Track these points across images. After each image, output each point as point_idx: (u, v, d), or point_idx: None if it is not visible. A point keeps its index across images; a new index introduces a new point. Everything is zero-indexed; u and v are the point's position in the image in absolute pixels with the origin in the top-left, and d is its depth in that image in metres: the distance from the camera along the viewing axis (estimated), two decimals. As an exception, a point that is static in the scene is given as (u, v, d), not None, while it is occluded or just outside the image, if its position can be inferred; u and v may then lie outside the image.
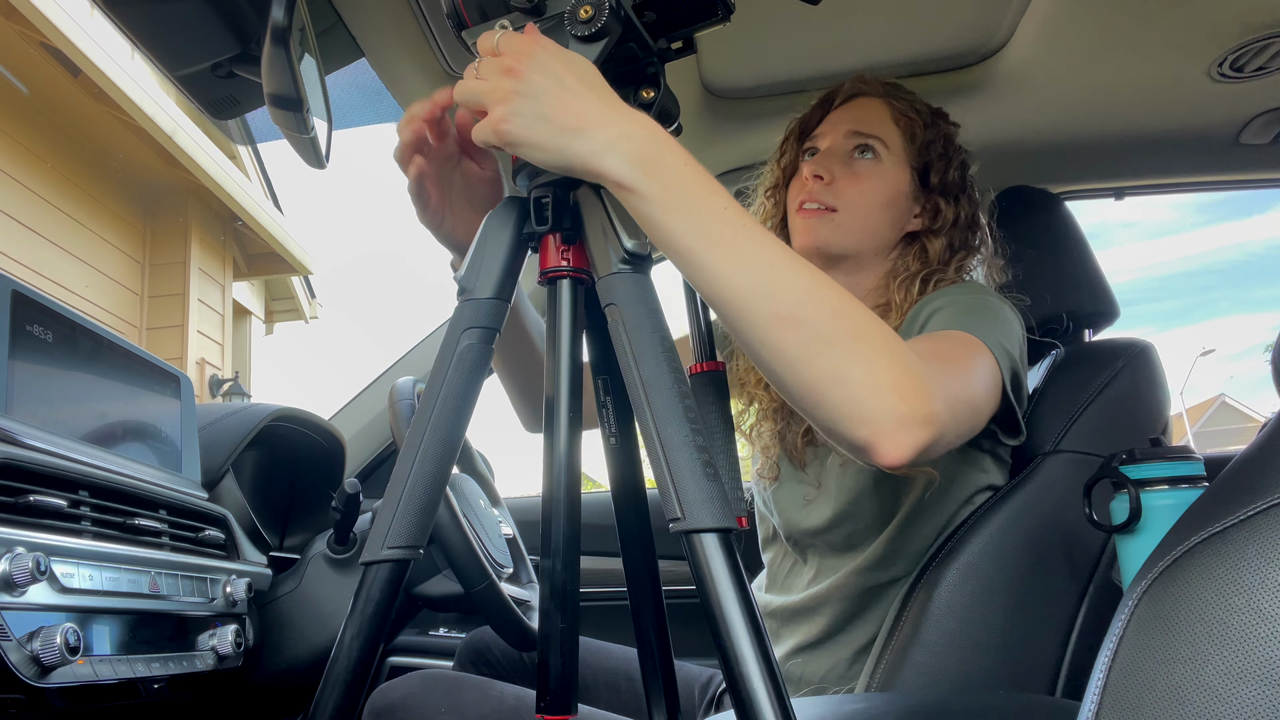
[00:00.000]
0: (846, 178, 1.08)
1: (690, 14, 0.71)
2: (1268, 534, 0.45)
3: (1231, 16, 1.16)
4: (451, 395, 0.62)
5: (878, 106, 1.11)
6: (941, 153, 1.10)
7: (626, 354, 0.59)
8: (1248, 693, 0.42)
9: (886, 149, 1.09)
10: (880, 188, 1.08)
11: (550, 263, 0.67)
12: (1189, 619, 0.46)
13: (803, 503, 1.09)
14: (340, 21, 1.12)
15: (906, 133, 1.09)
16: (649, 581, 0.73)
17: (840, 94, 1.14)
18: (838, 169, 1.08)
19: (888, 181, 1.08)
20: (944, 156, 1.10)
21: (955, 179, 1.10)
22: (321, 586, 1.22)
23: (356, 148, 3.56)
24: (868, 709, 0.83)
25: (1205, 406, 27.83)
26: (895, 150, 1.09)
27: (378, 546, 0.58)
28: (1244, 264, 63.49)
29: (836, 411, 0.67)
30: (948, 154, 1.11)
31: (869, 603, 1.05)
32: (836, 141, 1.11)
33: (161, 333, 5.85)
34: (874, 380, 0.66)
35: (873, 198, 1.07)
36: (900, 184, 1.09)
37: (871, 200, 1.07)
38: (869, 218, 1.07)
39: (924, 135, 1.10)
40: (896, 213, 1.09)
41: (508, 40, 0.65)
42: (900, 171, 1.09)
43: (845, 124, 1.11)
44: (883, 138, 1.09)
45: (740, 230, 0.65)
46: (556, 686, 0.59)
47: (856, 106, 1.12)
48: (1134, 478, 0.86)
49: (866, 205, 1.07)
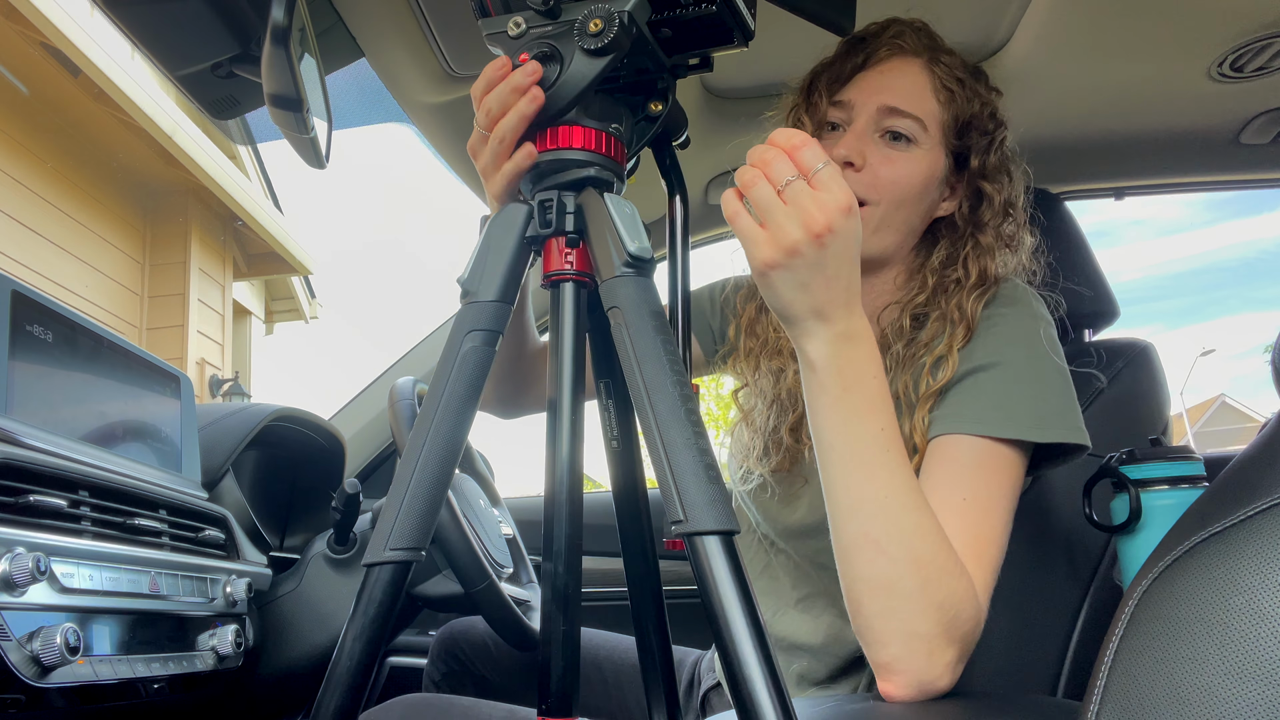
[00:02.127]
0: (883, 164, 0.92)
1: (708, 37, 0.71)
2: (1268, 534, 0.45)
3: (1231, 16, 1.16)
4: (454, 398, 0.62)
5: (918, 74, 0.94)
6: (984, 129, 0.95)
7: (629, 357, 0.60)
8: (1248, 692, 0.42)
9: (925, 131, 0.93)
10: (917, 175, 0.93)
11: (553, 266, 0.67)
12: (1189, 619, 0.46)
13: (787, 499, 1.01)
14: (340, 21, 1.12)
15: (948, 108, 0.94)
16: (650, 582, 0.73)
17: (873, 46, 0.96)
18: (872, 154, 0.93)
19: (922, 169, 0.93)
20: (986, 134, 0.95)
21: (999, 162, 0.96)
22: (321, 587, 1.22)
23: (356, 147, 3.56)
24: (868, 709, 0.83)
25: (1205, 406, 27.84)
26: (933, 129, 0.94)
27: (380, 548, 0.58)
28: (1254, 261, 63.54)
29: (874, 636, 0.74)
30: (990, 131, 0.96)
31: None
32: (869, 116, 0.93)
33: (161, 333, 5.85)
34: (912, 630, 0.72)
35: (910, 188, 0.93)
36: (936, 168, 0.94)
37: (908, 191, 0.93)
38: (905, 210, 0.93)
39: (966, 110, 0.95)
40: (929, 200, 0.96)
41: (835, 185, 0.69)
42: (936, 154, 0.94)
43: (879, 95, 0.94)
44: (921, 117, 0.93)
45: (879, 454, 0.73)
46: (558, 689, 0.59)
47: (894, 72, 0.94)
48: (1134, 478, 0.86)
49: (902, 197, 0.92)
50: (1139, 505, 0.84)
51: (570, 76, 0.65)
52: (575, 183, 0.67)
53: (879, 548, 0.72)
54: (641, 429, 0.59)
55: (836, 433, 0.74)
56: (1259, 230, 63.42)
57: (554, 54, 0.66)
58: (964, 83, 0.96)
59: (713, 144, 1.53)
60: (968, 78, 0.97)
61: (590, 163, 0.67)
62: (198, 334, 6.02)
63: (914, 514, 0.73)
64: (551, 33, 0.66)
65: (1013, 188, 0.98)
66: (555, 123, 0.67)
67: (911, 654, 0.72)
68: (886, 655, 0.73)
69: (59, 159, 5.12)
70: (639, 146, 0.73)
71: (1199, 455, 0.88)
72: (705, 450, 0.56)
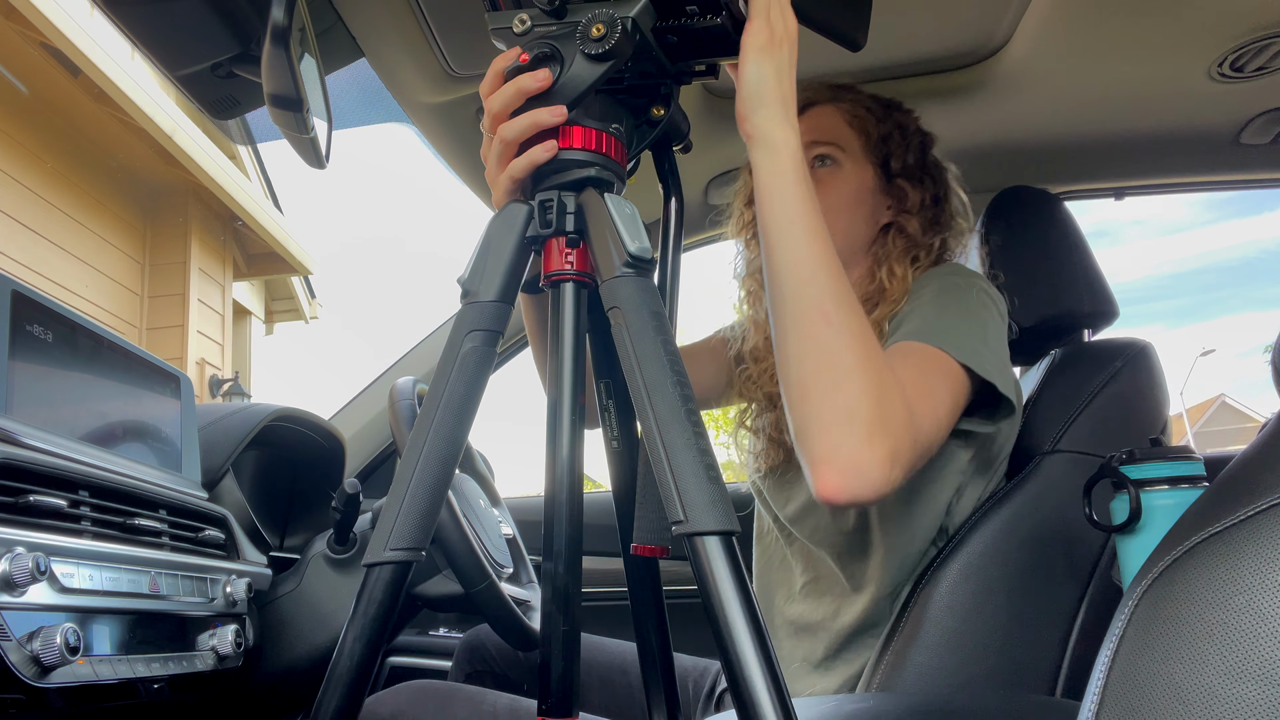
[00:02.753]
0: None
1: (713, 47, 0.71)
2: (1268, 534, 0.45)
3: (1231, 17, 1.16)
4: (454, 398, 0.62)
5: (830, 113, 1.15)
6: (899, 141, 1.14)
7: (629, 357, 0.60)
8: (1248, 693, 0.42)
9: (844, 152, 1.13)
10: (844, 191, 1.12)
11: (554, 266, 0.67)
12: (1189, 619, 0.46)
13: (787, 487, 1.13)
14: (340, 21, 1.12)
15: (861, 132, 1.13)
16: (650, 582, 0.73)
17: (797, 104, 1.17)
18: None
19: (851, 183, 1.12)
20: (901, 143, 1.14)
21: (914, 162, 1.14)
22: (321, 587, 1.22)
23: (356, 147, 3.56)
24: (868, 709, 0.83)
25: (1205, 406, 27.84)
26: (853, 151, 1.13)
27: (380, 548, 0.58)
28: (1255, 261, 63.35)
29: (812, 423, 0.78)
30: (905, 140, 1.14)
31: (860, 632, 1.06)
32: None
33: (161, 333, 5.85)
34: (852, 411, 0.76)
35: (839, 201, 1.11)
36: (864, 181, 1.13)
37: (838, 204, 1.10)
38: (838, 221, 1.09)
39: (878, 130, 1.13)
40: (866, 210, 1.13)
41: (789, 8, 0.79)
42: (862, 170, 1.13)
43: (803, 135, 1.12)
44: (838, 142, 1.13)
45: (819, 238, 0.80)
46: (558, 689, 0.59)
47: (811, 117, 1.15)
48: (1134, 478, 0.86)
49: (834, 210, 1.09)
50: (1139, 505, 0.84)
51: (570, 79, 0.65)
52: (576, 183, 0.67)
53: (827, 318, 0.78)
54: (642, 429, 0.59)
55: (797, 208, 0.80)
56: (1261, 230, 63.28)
57: (554, 54, 0.66)
58: (870, 109, 1.15)
59: (713, 144, 1.53)
60: (874, 105, 1.16)
61: (591, 163, 0.67)
62: (198, 334, 6.02)
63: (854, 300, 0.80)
64: (555, 33, 0.66)
65: (936, 187, 1.15)
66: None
67: (850, 436, 0.76)
68: (826, 443, 0.77)
69: (59, 159, 5.12)
70: (639, 149, 0.73)
71: (1199, 455, 0.88)
72: (705, 450, 0.56)
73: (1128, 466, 0.87)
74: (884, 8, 1.23)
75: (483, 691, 1.10)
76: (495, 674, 1.40)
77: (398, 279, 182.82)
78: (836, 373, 0.77)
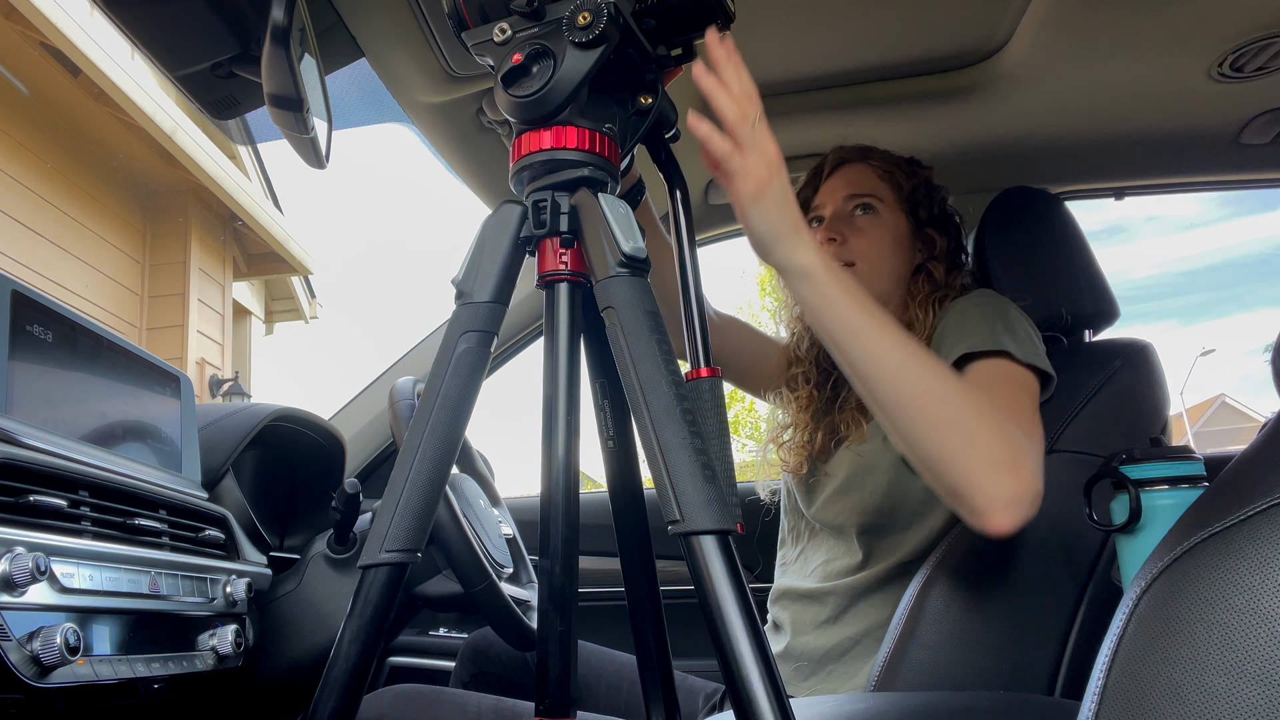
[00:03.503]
0: (855, 235, 1.22)
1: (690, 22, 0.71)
2: (1268, 534, 0.45)
3: (1231, 16, 1.16)
4: (449, 398, 0.62)
5: (863, 169, 1.26)
6: (925, 194, 1.26)
7: (624, 357, 0.60)
8: (1248, 693, 0.42)
9: (882, 202, 1.24)
10: (885, 235, 1.23)
11: (548, 266, 0.67)
12: (1189, 619, 0.46)
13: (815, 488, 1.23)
14: (340, 21, 1.12)
15: (893, 185, 1.25)
16: (647, 583, 0.73)
17: (827, 165, 1.30)
18: (846, 229, 1.23)
19: (890, 229, 1.23)
20: (928, 196, 1.26)
21: (939, 213, 1.27)
22: (321, 586, 1.22)
23: (356, 147, 3.56)
24: (867, 709, 0.83)
25: (1205, 406, 27.82)
26: (889, 201, 1.24)
27: (375, 549, 0.58)
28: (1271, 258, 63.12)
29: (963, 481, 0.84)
30: (930, 194, 1.27)
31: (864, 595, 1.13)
32: (838, 206, 1.25)
33: (161, 333, 5.85)
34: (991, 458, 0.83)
35: (882, 245, 1.22)
36: (901, 227, 1.24)
37: (882, 248, 1.22)
38: (884, 262, 1.22)
39: (908, 184, 1.26)
40: (904, 252, 1.24)
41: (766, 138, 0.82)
42: (897, 218, 1.24)
43: (841, 190, 1.25)
44: (875, 193, 1.24)
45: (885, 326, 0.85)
46: (555, 689, 0.59)
47: (845, 173, 1.26)
48: (1134, 478, 0.86)
49: (879, 253, 1.21)
50: (1139, 505, 0.84)
51: (564, 73, 0.65)
52: (569, 183, 0.67)
53: (937, 396, 0.84)
54: (637, 429, 0.59)
55: (854, 318, 0.85)
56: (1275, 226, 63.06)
57: (545, 52, 0.66)
58: (899, 165, 1.27)
59: (712, 144, 1.53)
60: (900, 162, 1.28)
61: (584, 163, 0.67)
62: (198, 334, 6.02)
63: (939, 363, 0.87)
64: (539, 33, 0.66)
65: (957, 234, 1.28)
66: (550, 122, 0.67)
67: (1002, 481, 0.83)
68: (983, 496, 0.84)
69: (59, 159, 5.12)
70: (633, 143, 0.73)
71: (1199, 455, 0.88)
72: (701, 450, 0.56)
73: (1128, 466, 0.87)
74: (884, 8, 1.23)
75: (467, 694, 1.13)
76: (499, 676, 1.41)
77: (398, 279, 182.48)
78: (962, 435, 0.84)
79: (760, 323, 13.38)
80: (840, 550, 1.18)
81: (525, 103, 0.66)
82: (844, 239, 1.22)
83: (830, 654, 1.14)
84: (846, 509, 1.16)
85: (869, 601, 1.13)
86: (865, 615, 1.13)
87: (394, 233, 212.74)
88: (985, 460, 0.83)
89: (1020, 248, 1.30)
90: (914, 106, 1.43)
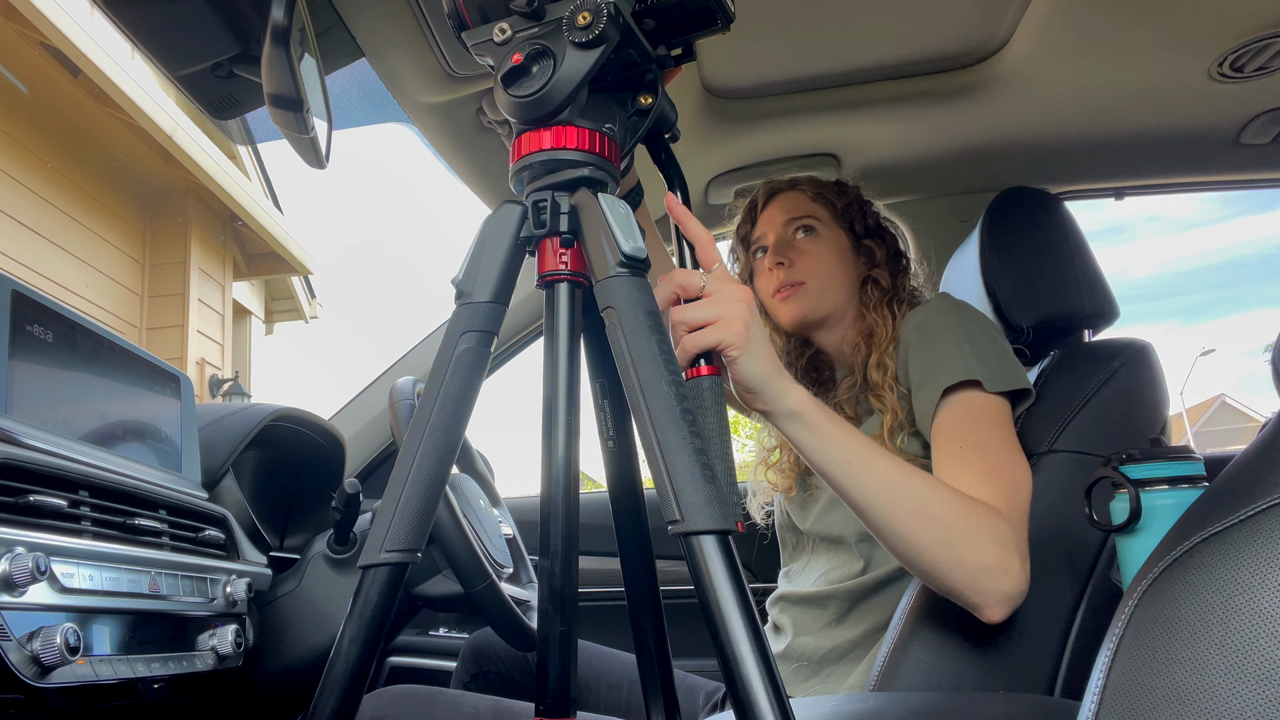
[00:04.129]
0: (800, 256, 1.27)
1: (690, 23, 0.71)
2: (1268, 534, 0.45)
3: (1231, 16, 1.16)
4: (449, 398, 0.62)
5: (795, 196, 1.31)
6: (858, 209, 1.32)
7: (624, 356, 0.60)
8: (1248, 693, 0.42)
9: (819, 221, 1.29)
10: (829, 252, 1.28)
11: (548, 266, 0.67)
12: (1189, 619, 0.46)
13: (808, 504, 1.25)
14: (340, 21, 1.12)
15: (827, 204, 1.30)
16: (647, 583, 0.73)
17: (760, 198, 1.35)
18: (791, 252, 1.28)
19: (832, 245, 1.28)
20: (860, 211, 1.32)
21: (873, 224, 1.32)
22: (321, 586, 1.22)
23: (356, 147, 3.56)
24: (867, 709, 0.83)
25: (1205, 406, 27.82)
26: (826, 220, 1.30)
27: (375, 549, 0.58)
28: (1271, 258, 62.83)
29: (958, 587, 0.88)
30: (861, 208, 1.32)
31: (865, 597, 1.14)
32: (779, 232, 1.30)
33: (161, 333, 5.85)
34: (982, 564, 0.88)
35: (827, 262, 1.27)
36: (842, 243, 1.30)
37: (828, 265, 1.27)
38: (832, 277, 1.27)
39: (840, 201, 1.31)
40: (849, 265, 1.29)
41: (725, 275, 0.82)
42: (837, 234, 1.30)
43: (779, 216, 1.30)
44: (812, 215, 1.29)
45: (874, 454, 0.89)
46: (555, 689, 0.59)
47: (780, 201, 1.32)
48: (1134, 478, 0.86)
49: (826, 270, 1.27)
50: (1139, 505, 0.84)
51: (564, 73, 0.65)
52: (569, 183, 0.67)
53: (925, 514, 0.87)
54: (637, 429, 0.59)
55: (849, 452, 0.87)
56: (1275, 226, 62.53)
57: (545, 52, 0.66)
58: (825, 186, 1.33)
59: (713, 144, 1.53)
60: (827, 185, 1.34)
61: (585, 163, 0.67)
62: (198, 334, 6.02)
63: (926, 478, 0.90)
64: (539, 33, 0.66)
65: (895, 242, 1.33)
66: (550, 122, 0.67)
67: (993, 582, 0.88)
68: (977, 595, 0.89)
69: (59, 159, 5.12)
70: (633, 143, 0.73)
71: (1199, 455, 0.88)
72: (701, 450, 0.56)
73: (1128, 466, 0.87)
74: (884, 8, 1.23)
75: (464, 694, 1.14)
76: (500, 676, 1.41)
77: (398, 279, 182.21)
78: (952, 550, 0.87)
79: (760, 323, 13.39)
80: (841, 559, 1.19)
81: (525, 103, 0.66)
82: (791, 261, 1.26)
83: (831, 655, 1.14)
84: (841, 519, 1.17)
85: (871, 603, 1.14)
86: (868, 616, 1.14)
87: (394, 233, 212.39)
88: (977, 568, 0.88)
89: (1020, 248, 1.30)
90: (914, 106, 1.43)
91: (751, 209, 1.36)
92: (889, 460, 0.89)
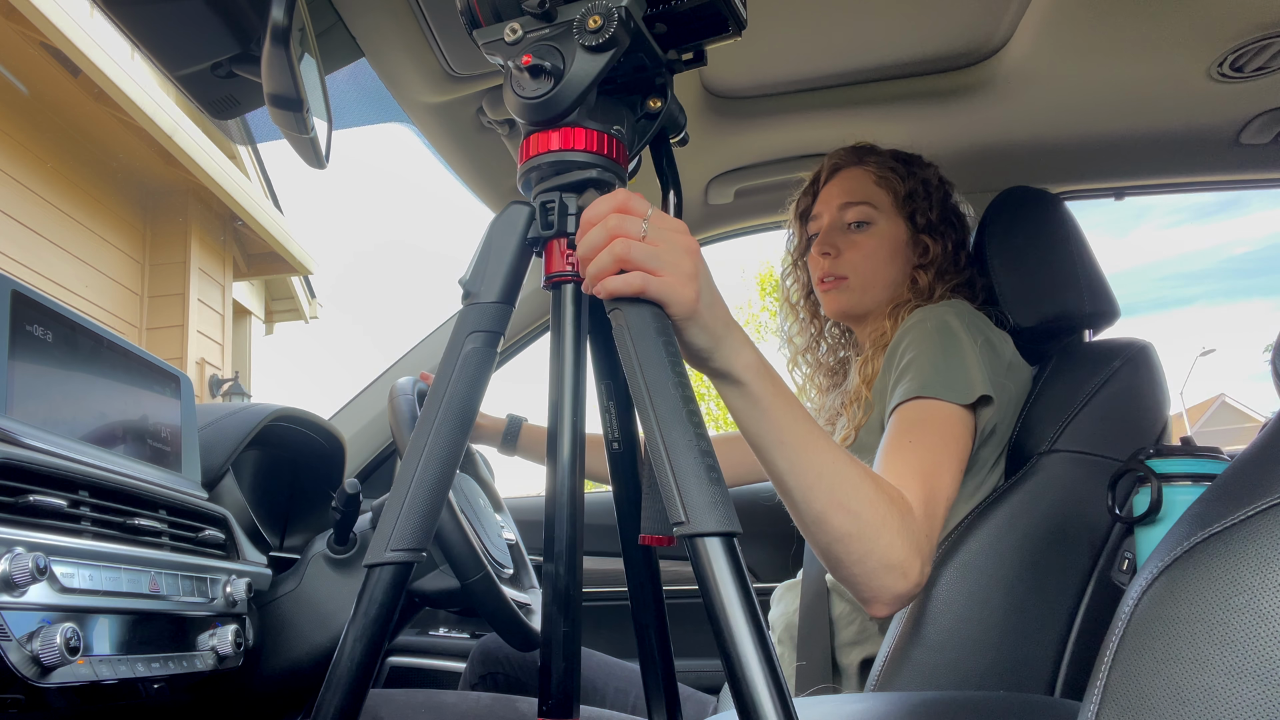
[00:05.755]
0: (849, 248, 1.22)
1: (702, 29, 0.71)
2: (1268, 534, 0.45)
3: (1231, 16, 1.16)
4: (455, 399, 0.62)
5: (858, 174, 1.24)
6: (924, 195, 1.24)
7: (631, 358, 0.60)
8: (1248, 693, 0.42)
9: (877, 210, 1.22)
10: (880, 247, 1.21)
11: (555, 267, 0.67)
12: (1189, 619, 0.46)
13: None
14: (340, 21, 1.12)
15: (889, 190, 1.23)
16: (650, 584, 0.73)
17: (824, 171, 1.29)
18: (840, 241, 1.22)
19: (885, 239, 1.22)
20: (926, 198, 1.23)
21: (938, 217, 1.24)
22: (321, 586, 1.22)
23: (356, 147, 3.56)
24: (868, 709, 0.83)
25: (1205, 406, 27.82)
26: (885, 208, 1.22)
27: (381, 549, 0.58)
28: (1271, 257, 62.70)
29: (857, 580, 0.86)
30: (929, 195, 1.24)
31: None
32: (833, 216, 1.24)
33: (161, 333, 5.85)
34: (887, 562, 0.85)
35: (876, 258, 1.21)
36: (898, 235, 1.22)
37: (875, 261, 1.21)
38: (877, 274, 1.21)
39: (905, 186, 1.23)
40: (900, 261, 1.22)
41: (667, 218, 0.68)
42: (895, 225, 1.22)
43: (836, 198, 1.24)
44: (871, 201, 1.22)
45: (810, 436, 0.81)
46: (559, 689, 0.59)
47: (841, 180, 1.25)
48: (1159, 471, 0.87)
49: (872, 266, 1.21)
50: (1159, 497, 0.85)
51: (573, 76, 0.65)
52: (577, 184, 0.67)
53: (845, 507, 0.83)
54: (643, 430, 0.59)
55: (787, 426, 0.80)
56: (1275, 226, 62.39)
57: (556, 54, 0.66)
58: (894, 168, 1.24)
59: (713, 144, 1.53)
60: (897, 163, 1.24)
61: (592, 164, 0.68)
62: (198, 334, 6.02)
63: (855, 470, 0.85)
64: (549, 35, 0.66)
65: (958, 234, 1.25)
66: (558, 124, 0.67)
67: (892, 581, 0.86)
68: (871, 590, 0.87)
69: (59, 159, 5.12)
70: (640, 145, 0.73)
71: (1226, 456, 0.88)
72: (707, 451, 0.56)
73: (1153, 460, 0.87)
74: (884, 8, 1.23)
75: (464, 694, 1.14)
76: (508, 677, 1.41)
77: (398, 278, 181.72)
78: (861, 544, 0.84)
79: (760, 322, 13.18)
80: None
81: (534, 104, 0.66)
82: (838, 252, 1.22)
83: None
84: None
85: None
86: None
87: (394, 232, 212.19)
88: (879, 564, 0.85)
89: (1020, 248, 1.29)
90: (914, 106, 1.43)
91: (814, 182, 1.31)
92: (822, 446, 0.83)
